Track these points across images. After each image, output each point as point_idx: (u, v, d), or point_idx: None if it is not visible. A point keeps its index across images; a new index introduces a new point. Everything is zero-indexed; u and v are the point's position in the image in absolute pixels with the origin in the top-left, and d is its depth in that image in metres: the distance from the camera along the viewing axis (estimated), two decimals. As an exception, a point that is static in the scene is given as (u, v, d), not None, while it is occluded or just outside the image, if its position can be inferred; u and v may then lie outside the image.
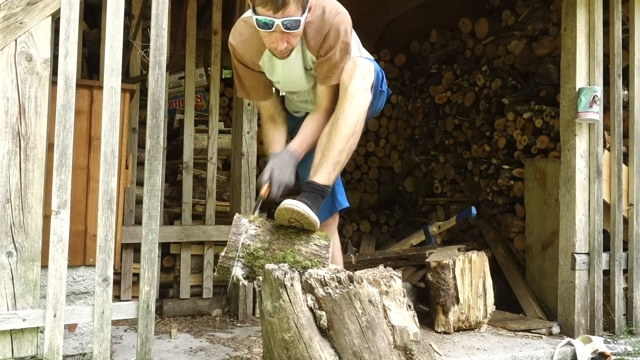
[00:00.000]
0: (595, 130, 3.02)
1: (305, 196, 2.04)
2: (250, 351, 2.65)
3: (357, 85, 2.07)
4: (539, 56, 3.85)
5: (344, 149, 2.07)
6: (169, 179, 3.53)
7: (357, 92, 2.07)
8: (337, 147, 2.06)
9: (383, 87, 2.33)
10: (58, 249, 2.04)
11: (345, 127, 2.06)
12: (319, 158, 2.09)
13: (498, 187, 3.98)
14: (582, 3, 3.04)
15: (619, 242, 3.07)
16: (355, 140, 2.11)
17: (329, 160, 2.06)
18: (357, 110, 2.07)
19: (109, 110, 2.13)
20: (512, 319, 3.29)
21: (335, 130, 2.06)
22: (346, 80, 2.09)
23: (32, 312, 2.04)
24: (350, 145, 2.09)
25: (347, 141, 2.07)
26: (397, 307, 1.93)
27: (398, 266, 3.62)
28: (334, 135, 2.07)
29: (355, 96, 2.07)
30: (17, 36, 2.05)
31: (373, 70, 2.15)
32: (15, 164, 2.04)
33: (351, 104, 2.06)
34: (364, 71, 2.10)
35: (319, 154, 2.09)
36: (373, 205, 5.37)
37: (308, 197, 2.03)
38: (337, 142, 2.06)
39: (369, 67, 2.12)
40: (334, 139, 2.06)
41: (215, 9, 3.51)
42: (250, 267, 2.03)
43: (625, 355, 2.71)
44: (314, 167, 2.10)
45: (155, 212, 2.21)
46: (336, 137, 2.06)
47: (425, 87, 5.05)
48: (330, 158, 2.06)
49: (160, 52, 2.22)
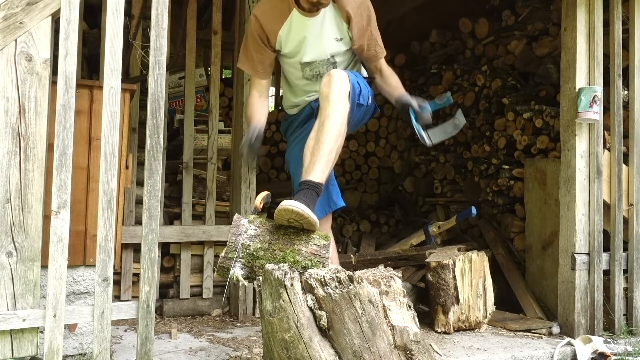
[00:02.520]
0: (595, 130, 3.02)
1: (302, 195, 2.06)
2: (250, 351, 2.65)
3: (336, 91, 2.26)
4: (539, 56, 3.85)
5: (332, 148, 2.20)
6: (169, 179, 3.53)
7: (338, 98, 2.25)
8: (327, 147, 2.18)
9: (362, 100, 2.45)
10: (58, 249, 2.03)
11: (332, 127, 2.21)
12: (309, 159, 2.19)
13: (498, 187, 3.98)
14: (582, 3, 3.04)
15: (619, 242, 3.07)
16: (342, 141, 2.26)
17: (320, 159, 2.16)
18: (340, 114, 2.24)
19: (109, 110, 2.13)
20: (512, 319, 3.29)
21: (323, 132, 2.20)
22: (325, 90, 2.28)
23: (32, 312, 2.04)
24: (337, 146, 2.23)
25: (335, 141, 2.22)
26: (397, 307, 1.93)
27: (398, 266, 3.62)
28: (322, 137, 2.19)
29: (336, 101, 2.24)
30: (17, 36, 2.04)
31: (347, 80, 2.31)
32: (15, 164, 2.04)
33: (334, 108, 2.23)
34: (339, 80, 2.28)
35: (309, 155, 2.20)
36: (373, 205, 5.37)
37: (305, 195, 2.06)
38: (326, 142, 2.19)
39: (343, 76, 2.31)
40: (322, 139, 2.19)
41: (215, 9, 3.52)
42: (250, 267, 2.03)
43: (625, 355, 2.71)
44: (306, 168, 2.18)
45: (155, 212, 2.21)
46: (325, 138, 2.19)
47: (425, 87, 5.05)
48: (321, 157, 2.17)
49: (160, 52, 2.22)
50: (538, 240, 3.55)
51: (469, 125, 4.45)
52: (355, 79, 2.41)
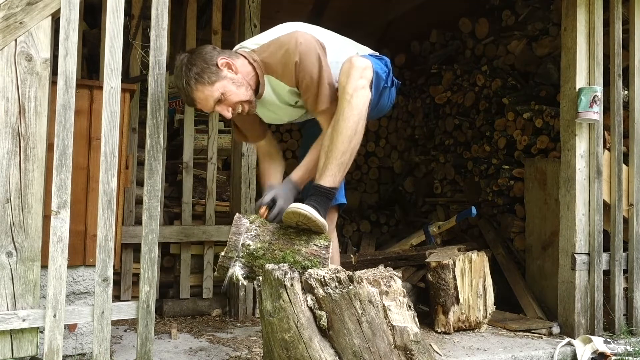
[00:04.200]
0: (595, 130, 3.02)
1: (312, 199, 2.05)
2: (250, 351, 2.65)
3: (354, 84, 2.06)
4: (539, 56, 3.85)
5: (346, 149, 2.07)
6: (169, 179, 3.53)
7: (355, 92, 2.06)
8: (340, 149, 2.06)
9: (388, 83, 2.32)
10: (58, 249, 2.03)
11: (346, 127, 2.05)
12: (323, 161, 2.09)
13: (498, 187, 3.98)
14: (582, 3, 3.04)
15: (619, 242, 3.07)
16: (358, 140, 2.10)
17: (333, 162, 2.07)
18: (356, 110, 2.06)
19: (109, 110, 2.13)
20: (512, 319, 3.29)
21: (337, 132, 2.06)
22: (343, 81, 2.08)
23: (32, 312, 2.04)
24: (353, 146, 2.08)
25: (350, 142, 2.07)
26: (397, 307, 1.93)
27: (398, 266, 3.62)
28: (335, 137, 2.06)
29: (353, 96, 2.05)
30: (17, 36, 2.04)
31: (370, 68, 2.13)
32: (15, 164, 2.04)
33: (350, 104, 2.05)
34: (361, 69, 2.09)
35: (323, 156, 2.10)
36: (373, 205, 5.37)
37: (315, 201, 2.04)
38: (339, 143, 2.06)
39: (365, 65, 2.11)
40: (336, 140, 2.06)
41: (215, 9, 3.52)
42: (250, 267, 2.03)
43: (625, 356, 2.71)
44: (319, 170, 2.10)
45: (155, 212, 2.21)
46: (338, 139, 2.06)
47: (425, 87, 5.05)
48: (334, 160, 2.07)
49: (160, 52, 2.22)
50: (538, 240, 3.55)
51: (469, 125, 4.46)
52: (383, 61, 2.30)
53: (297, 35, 2.12)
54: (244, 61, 2.18)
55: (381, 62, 2.31)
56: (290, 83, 2.16)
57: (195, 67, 2.09)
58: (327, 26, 2.42)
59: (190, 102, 2.16)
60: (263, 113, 2.37)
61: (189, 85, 2.09)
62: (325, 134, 2.13)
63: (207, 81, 2.09)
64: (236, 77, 2.13)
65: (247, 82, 2.16)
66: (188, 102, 2.17)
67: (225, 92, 2.11)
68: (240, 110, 2.19)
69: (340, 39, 2.37)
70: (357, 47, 2.38)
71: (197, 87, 2.09)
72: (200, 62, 2.10)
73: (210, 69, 2.09)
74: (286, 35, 2.15)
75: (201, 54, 2.13)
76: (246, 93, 2.16)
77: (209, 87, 2.09)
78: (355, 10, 4.78)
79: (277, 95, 2.24)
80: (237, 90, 2.13)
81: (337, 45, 2.29)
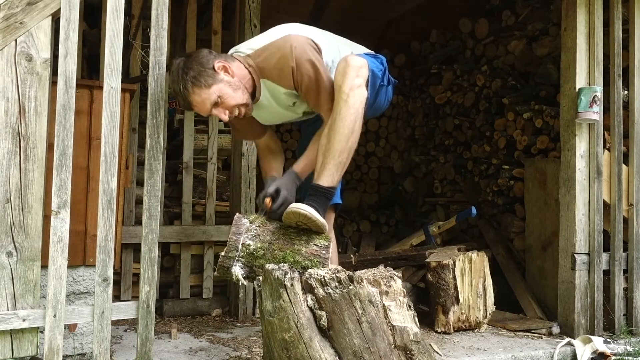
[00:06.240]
0: (595, 130, 3.02)
1: (312, 199, 2.05)
2: (250, 351, 2.65)
3: (350, 83, 2.05)
4: (539, 56, 3.85)
5: (344, 149, 2.07)
6: (169, 179, 3.53)
7: (352, 90, 2.05)
8: (338, 148, 2.06)
9: (384, 81, 2.33)
10: (58, 249, 2.04)
11: (343, 127, 2.05)
12: (321, 160, 2.09)
13: (498, 187, 3.98)
14: (582, 3, 3.04)
15: (619, 242, 3.07)
16: (355, 139, 2.10)
17: (330, 162, 2.07)
18: (353, 109, 2.06)
19: (109, 110, 2.13)
20: (512, 319, 3.29)
21: (334, 131, 2.06)
22: (339, 80, 2.08)
23: (32, 312, 2.04)
24: (350, 145, 2.08)
25: (347, 141, 2.06)
26: (397, 307, 1.93)
27: (398, 266, 3.61)
28: (333, 137, 2.06)
29: (350, 95, 2.05)
30: (17, 36, 2.04)
31: (366, 67, 2.13)
32: (15, 164, 2.04)
33: (347, 103, 2.05)
34: (357, 68, 2.08)
35: (321, 156, 2.10)
36: (373, 205, 5.37)
37: (314, 200, 2.05)
38: (336, 143, 2.06)
39: (361, 64, 2.11)
40: (333, 140, 2.06)
41: (215, 9, 3.51)
42: (250, 267, 2.03)
43: (625, 356, 2.71)
44: (317, 170, 2.11)
45: (155, 212, 2.21)
46: (335, 138, 2.05)
47: (425, 87, 5.05)
48: (331, 159, 2.07)
49: (160, 52, 2.22)
50: (538, 240, 3.55)
51: (469, 125, 4.46)
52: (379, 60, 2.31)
53: (291, 40, 2.13)
54: (239, 65, 2.19)
55: (377, 61, 2.32)
56: (287, 86, 2.17)
57: (192, 71, 2.10)
58: (327, 26, 2.43)
59: (188, 106, 2.17)
60: (259, 115, 2.38)
61: (185, 88, 2.10)
62: (323, 133, 2.13)
63: (204, 84, 2.10)
64: (233, 81, 2.14)
65: (244, 85, 2.17)
66: (185, 105, 2.18)
67: (222, 95, 2.12)
68: (237, 114, 2.20)
69: (335, 38, 2.38)
70: (352, 47, 2.38)
71: (194, 91, 2.10)
72: (196, 65, 2.11)
73: (207, 72, 2.10)
74: (280, 39, 2.16)
75: (197, 57, 2.14)
76: (243, 96, 2.17)
77: (206, 90, 2.10)
78: (355, 10, 4.78)
79: (274, 97, 2.25)
80: (234, 94, 2.14)
81: (333, 45, 2.30)
